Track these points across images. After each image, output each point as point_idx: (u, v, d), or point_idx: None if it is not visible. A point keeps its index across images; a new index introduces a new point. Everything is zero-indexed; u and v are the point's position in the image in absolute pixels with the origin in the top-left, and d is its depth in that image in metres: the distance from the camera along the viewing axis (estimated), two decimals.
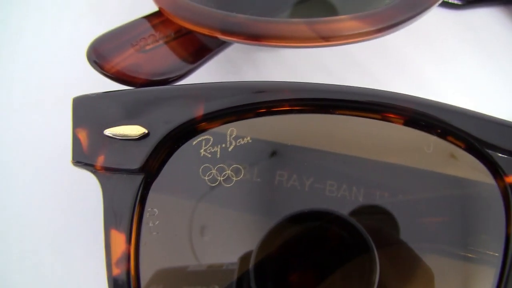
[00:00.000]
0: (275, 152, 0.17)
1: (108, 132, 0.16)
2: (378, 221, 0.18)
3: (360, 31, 0.17)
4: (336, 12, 0.20)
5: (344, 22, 0.17)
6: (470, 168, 0.17)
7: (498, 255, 0.16)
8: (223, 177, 0.16)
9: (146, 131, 0.16)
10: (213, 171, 0.16)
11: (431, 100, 0.16)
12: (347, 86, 0.16)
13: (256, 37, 0.17)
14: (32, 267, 0.20)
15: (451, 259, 0.17)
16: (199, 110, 0.16)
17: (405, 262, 0.17)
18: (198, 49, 0.19)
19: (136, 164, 0.16)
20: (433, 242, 0.17)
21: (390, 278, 0.17)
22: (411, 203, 0.17)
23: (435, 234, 0.17)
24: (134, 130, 0.16)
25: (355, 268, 0.17)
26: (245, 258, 0.17)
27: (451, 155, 0.17)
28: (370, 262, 0.17)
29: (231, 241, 0.17)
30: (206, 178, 0.16)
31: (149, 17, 0.19)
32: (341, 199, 0.17)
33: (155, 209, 0.16)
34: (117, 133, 0.16)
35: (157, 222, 0.16)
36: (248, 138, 0.16)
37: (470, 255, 0.17)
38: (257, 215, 0.18)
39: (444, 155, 0.17)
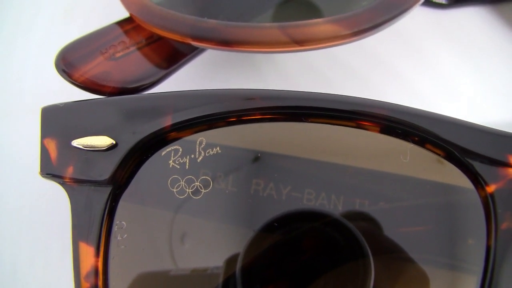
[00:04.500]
0: (249, 161, 0.17)
1: (76, 143, 0.16)
2: (359, 229, 0.17)
3: (335, 35, 0.17)
4: (315, 15, 0.19)
5: (319, 26, 0.17)
6: (450, 177, 0.16)
7: (479, 265, 0.15)
8: (191, 189, 0.16)
9: (114, 142, 0.16)
10: (181, 183, 0.16)
11: (407, 107, 0.15)
12: (318, 93, 0.16)
13: (227, 43, 0.17)
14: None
15: (433, 267, 0.16)
16: (168, 120, 0.16)
17: (397, 268, 0.17)
18: (171, 55, 0.18)
19: (104, 176, 0.16)
20: (413, 250, 0.16)
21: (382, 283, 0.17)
22: (392, 211, 0.17)
23: (415, 242, 0.17)
24: (102, 141, 0.16)
25: (348, 273, 0.16)
26: (227, 265, 0.16)
27: (430, 164, 0.16)
28: (364, 267, 0.16)
29: (205, 254, 0.17)
30: (175, 190, 0.16)
31: (121, 23, 0.18)
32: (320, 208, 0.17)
33: (123, 222, 0.16)
34: (85, 144, 0.16)
35: (125, 235, 0.16)
36: (218, 148, 0.16)
37: (451, 264, 0.16)
38: (232, 225, 0.17)
39: (423, 164, 0.16)
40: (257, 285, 0.17)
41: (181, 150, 0.16)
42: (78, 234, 0.16)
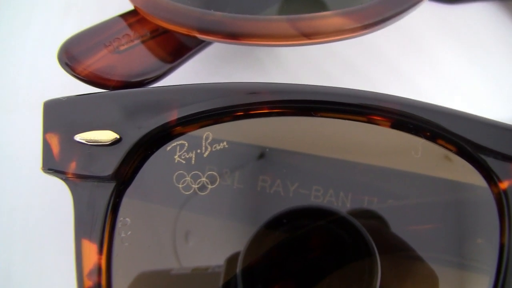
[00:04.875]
0: (256, 157, 0.16)
1: (79, 137, 0.16)
2: (367, 227, 0.17)
3: (344, 28, 0.16)
4: (322, 8, 0.19)
5: (328, 19, 0.16)
6: (462, 173, 0.16)
7: (492, 264, 0.15)
8: (197, 184, 0.16)
9: (118, 137, 0.15)
10: (187, 178, 0.16)
11: (419, 101, 0.15)
12: (328, 86, 0.15)
13: (234, 36, 0.17)
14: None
15: (443, 266, 0.16)
16: (173, 114, 0.15)
17: (405, 267, 0.16)
18: (176, 48, 0.18)
19: (107, 171, 0.15)
20: (424, 249, 0.16)
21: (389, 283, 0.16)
22: (401, 209, 0.17)
23: (426, 241, 0.16)
24: (106, 136, 0.16)
25: (354, 272, 0.16)
26: (231, 263, 0.16)
27: (442, 159, 0.16)
28: (370, 266, 0.16)
29: (211, 252, 0.16)
30: (180, 186, 0.16)
31: (125, 16, 0.18)
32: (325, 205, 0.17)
33: (127, 219, 0.15)
34: (88, 138, 0.16)
35: (129, 232, 0.15)
36: (225, 143, 0.16)
37: (463, 263, 0.16)
38: (238, 222, 0.17)
39: (435, 159, 0.16)
40: (262, 283, 0.16)
41: (187, 145, 0.16)
42: (81, 231, 0.15)
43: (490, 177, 0.15)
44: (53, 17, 0.23)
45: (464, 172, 0.16)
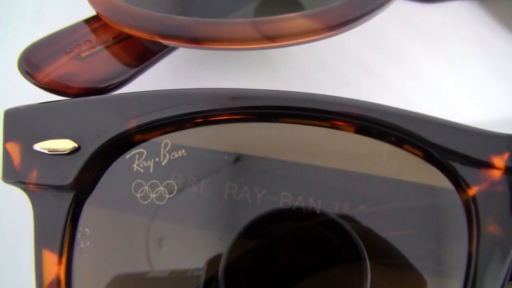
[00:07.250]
0: (216, 164, 0.16)
1: (38, 147, 0.15)
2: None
3: (309, 30, 0.16)
4: (290, 11, 0.18)
5: (292, 21, 0.16)
6: (430, 179, 0.15)
7: (461, 271, 0.15)
8: (155, 194, 0.15)
9: (77, 145, 0.15)
10: (145, 187, 0.15)
11: (381, 105, 0.15)
12: (289, 92, 0.15)
13: (196, 40, 0.16)
14: None
15: (412, 273, 0.16)
16: (132, 122, 0.15)
17: (377, 272, 0.16)
18: (141, 53, 0.18)
19: (67, 181, 0.15)
20: (393, 255, 0.16)
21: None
22: (372, 215, 0.16)
23: (395, 247, 0.16)
24: (64, 145, 0.15)
25: (343, 276, 0.16)
26: (206, 269, 0.16)
27: (409, 165, 0.15)
28: (360, 270, 0.15)
29: (174, 260, 0.16)
30: (138, 195, 0.15)
31: (89, 21, 0.18)
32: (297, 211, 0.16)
33: (86, 229, 0.15)
34: (47, 147, 0.15)
35: (88, 242, 0.15)
36: (183, 150, 0.15)
37: (431, 270, 0.15)
38: (203, 230, 0.16)
39: (402, 165, 0.15)
40: None
41: (145, 153, 0.15)
42: (41, 241, 0.15)
43: (459, 183, 0.15)
44: (23, 23, 0.23)
45: (432, 178, 0.15)
